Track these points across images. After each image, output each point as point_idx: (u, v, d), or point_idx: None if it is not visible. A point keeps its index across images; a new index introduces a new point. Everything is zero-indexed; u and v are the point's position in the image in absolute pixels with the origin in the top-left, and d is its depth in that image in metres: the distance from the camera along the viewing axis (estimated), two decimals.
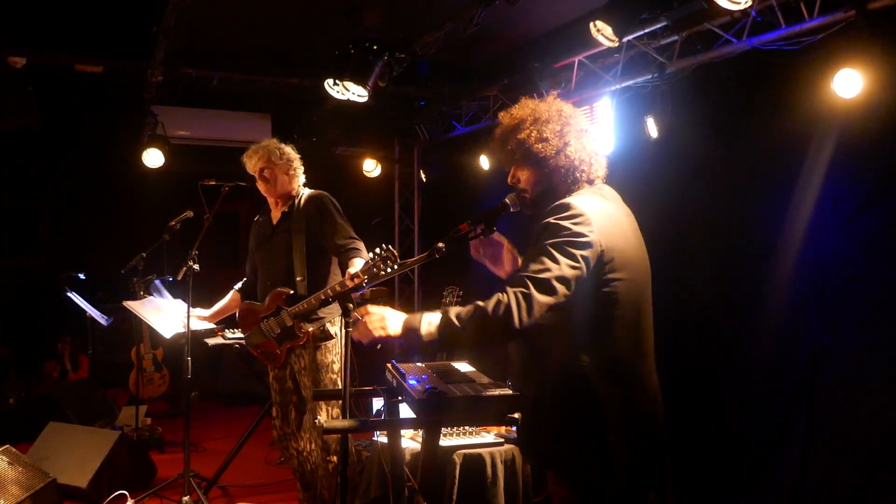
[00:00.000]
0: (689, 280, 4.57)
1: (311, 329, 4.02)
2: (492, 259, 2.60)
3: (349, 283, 3.67)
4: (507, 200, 2.47)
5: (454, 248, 2.46)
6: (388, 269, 3.17)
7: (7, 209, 9.21)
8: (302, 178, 4.30)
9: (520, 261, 2.56)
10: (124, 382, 7.46)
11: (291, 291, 4.06)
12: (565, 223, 2.16)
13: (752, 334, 4.25)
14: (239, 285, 4.53)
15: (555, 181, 2.37)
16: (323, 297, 3.92)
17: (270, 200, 4.32)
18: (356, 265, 3.85)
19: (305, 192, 4.27)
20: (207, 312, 4.52)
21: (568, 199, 2.24)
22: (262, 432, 6.16)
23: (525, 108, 2.41)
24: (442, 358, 4.84)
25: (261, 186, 4.25)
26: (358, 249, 4.00)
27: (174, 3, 4.39)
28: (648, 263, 2.33)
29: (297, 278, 4.07)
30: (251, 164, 4.23)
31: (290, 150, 4.26)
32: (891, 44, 3.45)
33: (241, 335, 5.09)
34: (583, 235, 2.15)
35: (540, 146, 2.33)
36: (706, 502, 4.40)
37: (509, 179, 2.47)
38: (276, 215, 4.29)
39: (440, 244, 2.44)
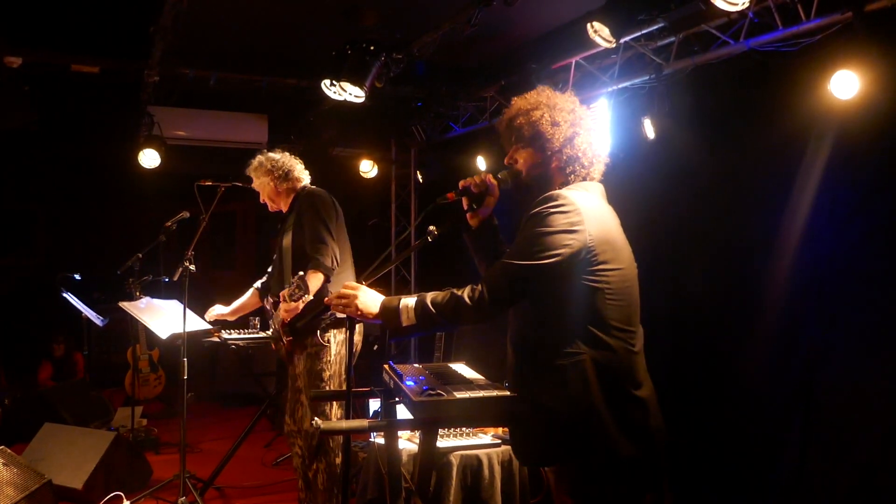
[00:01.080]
0: (686, 281, 4.58)
1: (289, 338, 4.05)
2: (476, 200, 2.58)
3: (284, 307, 3.80)
4: (499, 175, 2.50)
5: (449, 242, 2.48)
6: (301, 298, 3.56)
7: (3, 209, 9.19)
8: (302, 181, 4.28)
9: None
10: (120, 383, 7.45)
11: (273, 300, 4.12)
12: (553, 214, 2.19)
13: (750, 335, 4.25)
14: (259, 283, 4.51)
15: (551, 169, 2.40)
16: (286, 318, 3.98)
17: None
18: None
19: (301, 194, 4.25)
20: (227, 309, 4.49)
21: (558, 191, 2.27)
22: (258, 433, 6.17)
23: (543, 93, 2.45)
24: (439, 359, 4.84)
25: None
26: (317, 259, 3.93)
27: (171, 3, 4.38)
28: (634, 260, 2.35)
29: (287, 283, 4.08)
30: None
31: (272, 158, 4.24)
32: (888, 45, 3.46)
33: (238, 336, 5.10)
34: (572, 225, 2.18)
35: (550, 129, 2.36)
36: (704, 503, 4.40)
37: (506, 160, 2.49)
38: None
39: (431, 228, 2.48)
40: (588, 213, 2.21)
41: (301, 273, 3.52)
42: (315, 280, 3.88)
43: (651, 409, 2.24)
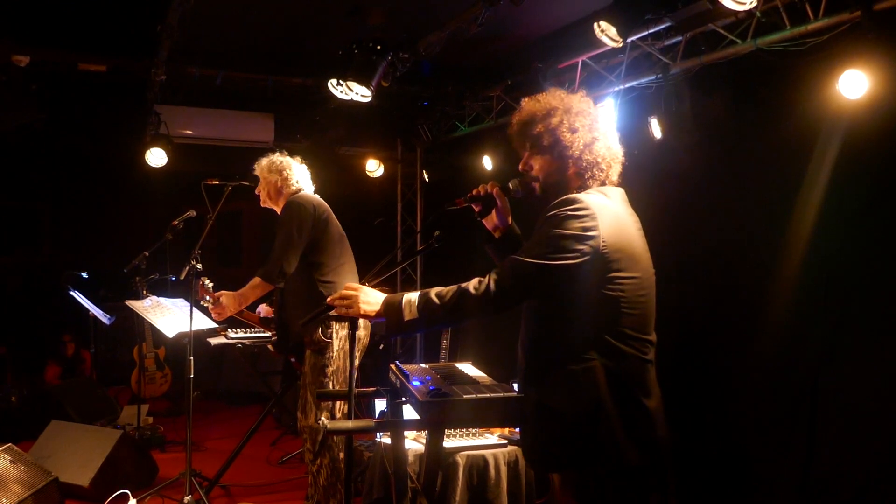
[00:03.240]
0: (694, 282, 4.56)
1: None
2: (486, 207, 2.57)
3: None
4: (509, 185, 2.47)
5: (457, 246, 2.47)
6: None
7: (10, 207, 9.21)
8: (293, 187, 4.27)
9: (509, 217, 2.61)
10: (126, 381, 7.46)
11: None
12: (569, 217, 2.17)
13: (757, 336, 4.24)
14: None
15: (569, 175, 2.36)
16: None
17: None
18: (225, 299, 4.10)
19: (290, 199, 4.24)
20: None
21: (576, 195, 2.24)
22: (264, 432, 6.17)
23: (555, 96, 2.40)
24: (445, 359, 4.84)
25: None
26: (263, 267, 4.04)
27: (178, 1, 4.39)
28: (652, 267, 2.33)
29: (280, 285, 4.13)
30: None
31: (273, 160, 4.27)
32: None
33: (244, 335, 5.10)
34: (586, 230, 2.15)
35: (569, 136, 2.32)
36: None
37: (521, 166, 2.45)
38: None
39: (437, 233, 2.47)
40: (605, 220, 2.18)
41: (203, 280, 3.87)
42: (254, 285, 4.04)
43: (658, 420, 2.22)
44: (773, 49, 3.99)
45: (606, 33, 4.18)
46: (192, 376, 4.40)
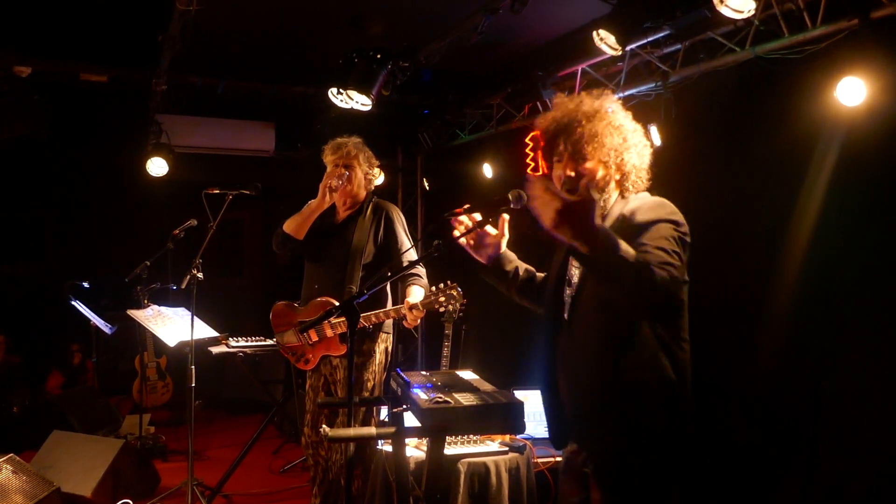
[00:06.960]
0: (694, 289, 4.56)
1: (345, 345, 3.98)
2: (476, 242, 2.58)
3: (408, 315, 3.73)
4: (509, 196, 2.46)
5: (457, 246, 2.49)
6: (450, 307, 3.56)
7: (12, 217, 9.23)
8: (379, 180, 4.30)
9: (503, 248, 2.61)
10: (128, 391, 7.47)
11: (337, 303, 3.92)
12: (678, 222, 2.26)
13: (758, 343, 4.24)
14: None
15: (615, 181, 2.42)
16: (368, 323, 3.90)
17: (338, 199, 4.14)
18: (414, 294, 3.83)
19: (374, 200, 4.20)
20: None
21: (663, 199, 2.33)
22: (265, 441, 6.18)
23: (601, 97, 2.40)
24: (446, 367, 4.84)
25: None
26: (418, 276, 3.93)
27: (179, 11, 4.41)
28: None
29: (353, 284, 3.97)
30: (331, 158, 4.12)
31: (372, 154, 4.24)
32: (894, 52, 3.46)
33: (245, 344, 5.08)
34: (686, 236, 2.25)
35: (615, 140, 2.35)
36: None
37: (562, 170, 2.37)
38: (340, 216, 4.20)
39: (437, 241, 2.48)
40: None
41: (450, 282, 3.60)
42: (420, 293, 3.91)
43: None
44: (771, 57, 4.00)
45: (605, 41, 4.20)
46: (193, 385, 4.41)
